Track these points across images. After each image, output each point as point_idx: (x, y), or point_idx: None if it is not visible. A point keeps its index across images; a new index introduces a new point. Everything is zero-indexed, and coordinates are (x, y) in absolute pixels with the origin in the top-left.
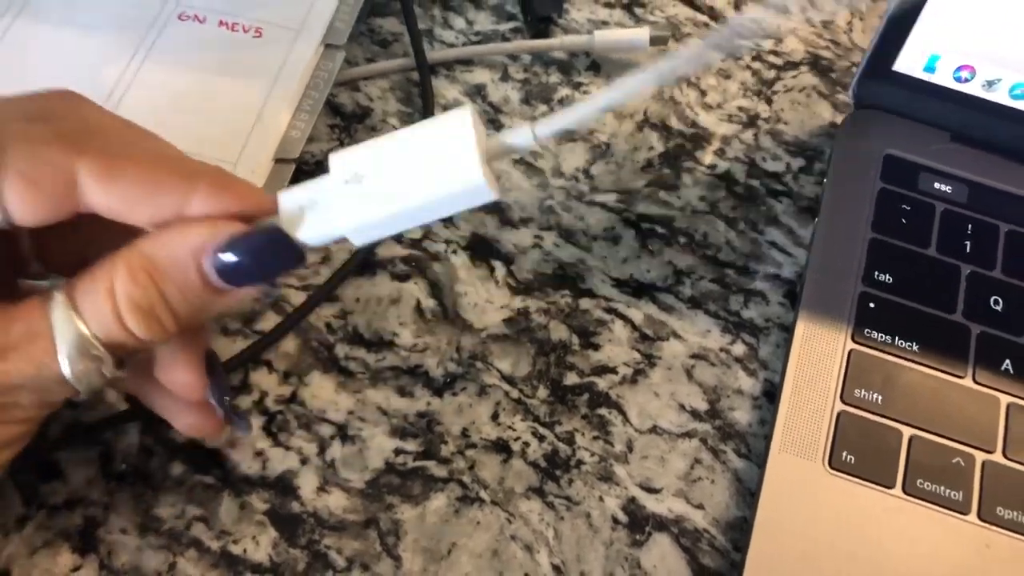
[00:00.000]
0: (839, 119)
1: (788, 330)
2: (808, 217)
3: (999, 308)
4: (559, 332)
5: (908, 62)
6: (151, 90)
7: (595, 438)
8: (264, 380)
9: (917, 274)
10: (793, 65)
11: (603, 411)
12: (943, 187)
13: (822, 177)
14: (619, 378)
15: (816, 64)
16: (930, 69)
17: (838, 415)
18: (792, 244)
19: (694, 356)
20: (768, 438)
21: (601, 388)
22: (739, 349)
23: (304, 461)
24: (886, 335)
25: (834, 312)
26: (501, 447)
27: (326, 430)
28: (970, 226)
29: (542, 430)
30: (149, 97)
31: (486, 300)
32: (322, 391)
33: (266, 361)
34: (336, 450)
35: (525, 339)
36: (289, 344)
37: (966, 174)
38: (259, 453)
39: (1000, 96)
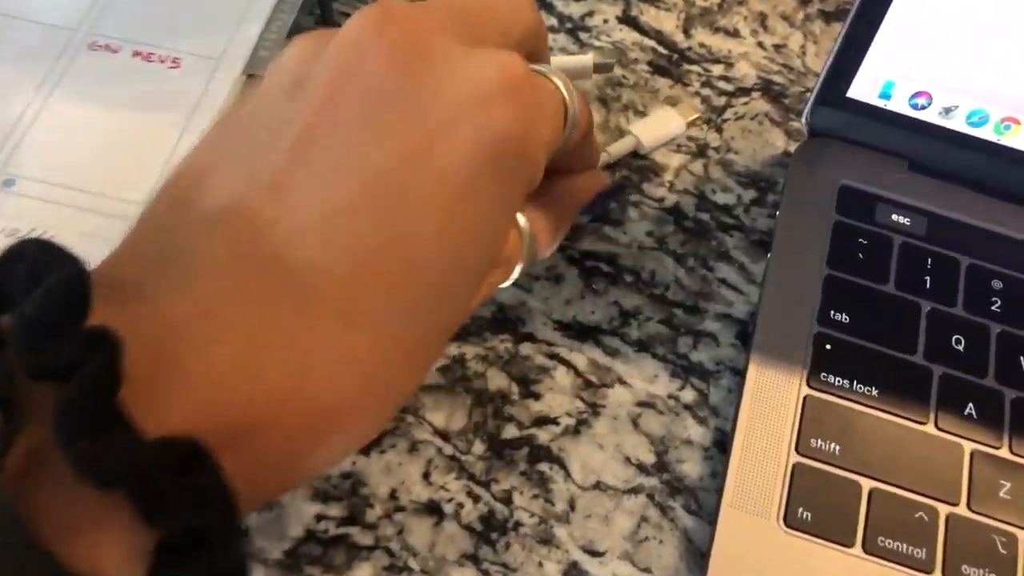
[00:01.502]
0: (793, 147)
1: (740, 374)
2: (761, 252)
3: (961, 348)
4: (497, 380)
5: (862, 88)
6: (59, 125)
7: (534, 496)
8: None
9: (875, 313)
10: (744, 91)
11: (543, 466)
12: (901, 219)
13: (775, 209)
14: (561, 429)
15: (768, 90)
16: (885, 96)
17: (793, 467)
18: (744, 281)
19: (641, 404)
20: (720, 492)
21: (542, 441)
22: (688, 395)
23: None
24: (843, 379)
25: (788, 355)
26: (433, 509)
27: None
28: (930, 260)
29: (477, 489)
30: (57, 132)
31: None
32: None
33: None
34: (250, 516)
35: (460, 388)
36: None
37: (925, 205)
38: None
39: (957, 123)
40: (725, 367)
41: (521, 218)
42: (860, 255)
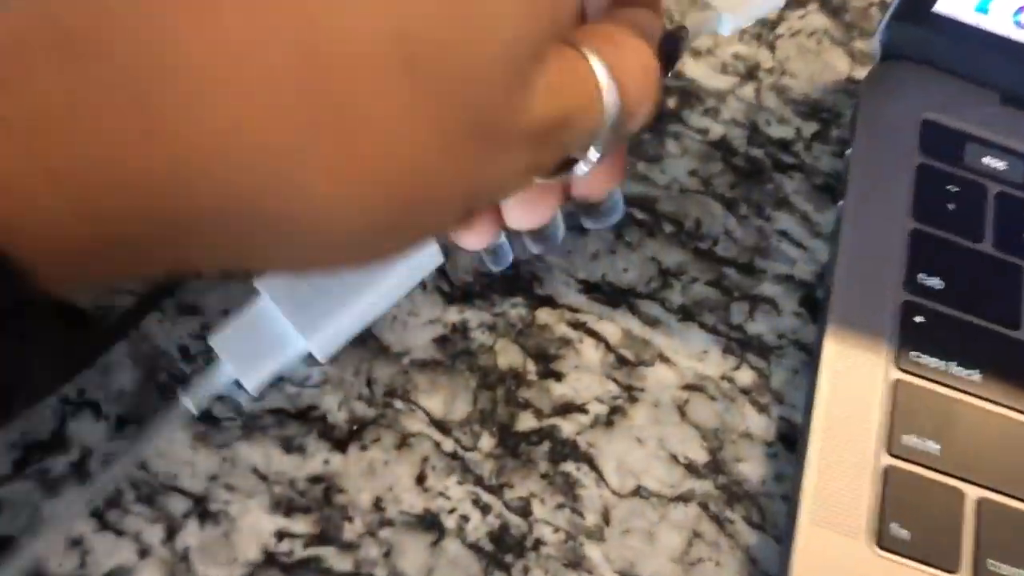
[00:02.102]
0: (857, 72)
1: (806, 350)
2: (825, 198)
3: None
4: (509, 356)
5: (954, 2)
6: None
7: (559, 506)
8: (87, 430)
9: (972, 277)
10: (799, 2)
11: (569, 467)
12: (995, 162)
13: (840, 146)
14: (590, 419)
15: (826, 2)
16: (982, 9)
17: (884, 472)
18: (808, 234)
19: (688, 387)
20: (788, 500)
21: (566, 434)
22: (745, 376)
23: (144, 552)
24: (940, 359)
25: (870, 328)
26: (429, 523)
27: (177, 505)
28: None
29: (486, 497)
30: None
31: (408, 312)
32: (173, 447)
33: (91, 402)
34: (192, 534)
35: (463, 366)
36: (124, 376)
37: (1021, 146)
38: (76, 542)
39: None
40: (788, 341)
41: (596, 61)
42: (950, 205)
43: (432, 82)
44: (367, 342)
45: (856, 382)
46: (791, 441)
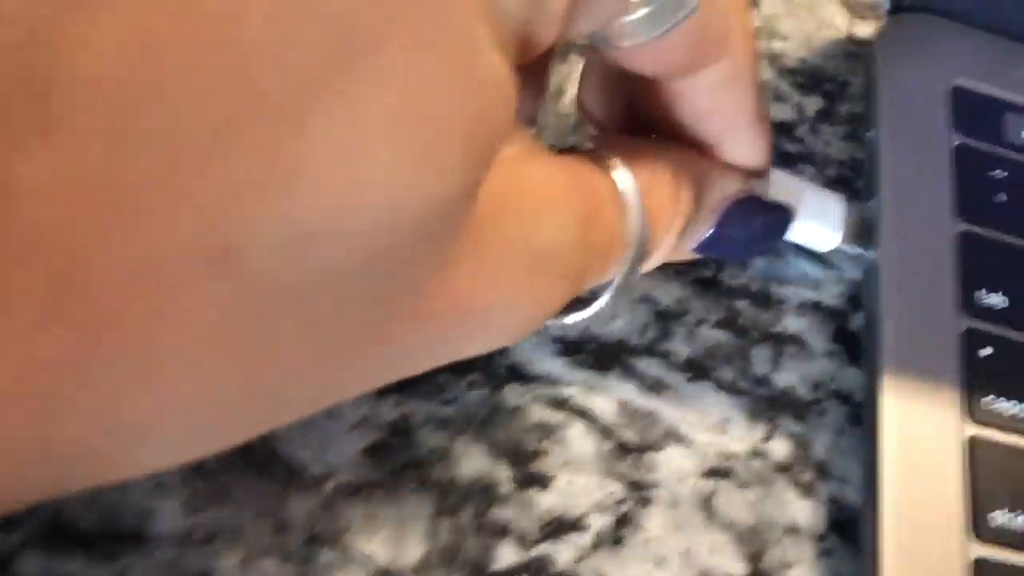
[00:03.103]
0: (859, 29)
1: (849, 401)
2: (843, 193)
3: None
4: (473, 461)
5: None
6: None
7: None
8: None
9: None
10: None
11: None
12: None
13: (851, 125)
14: (591, 538)
15: None
16: None
17: (975, 565)
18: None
19: (711, 473)
20: None
21: (563, 565)
22: (780, 448)
23: None
24: (1019, 402)
25: (932, 370)
26: None
27: None
28: None
29: None
30: None
31: (325, 415)
32: None
33: None
34: None
35: (410, 484)
36: None
37: None
38: None
39: None
40: (826, 392)
41: (621, 167)
42: (999, 196)
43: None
44: (270, 467)
45: (924, 446)
46: (846, 529)
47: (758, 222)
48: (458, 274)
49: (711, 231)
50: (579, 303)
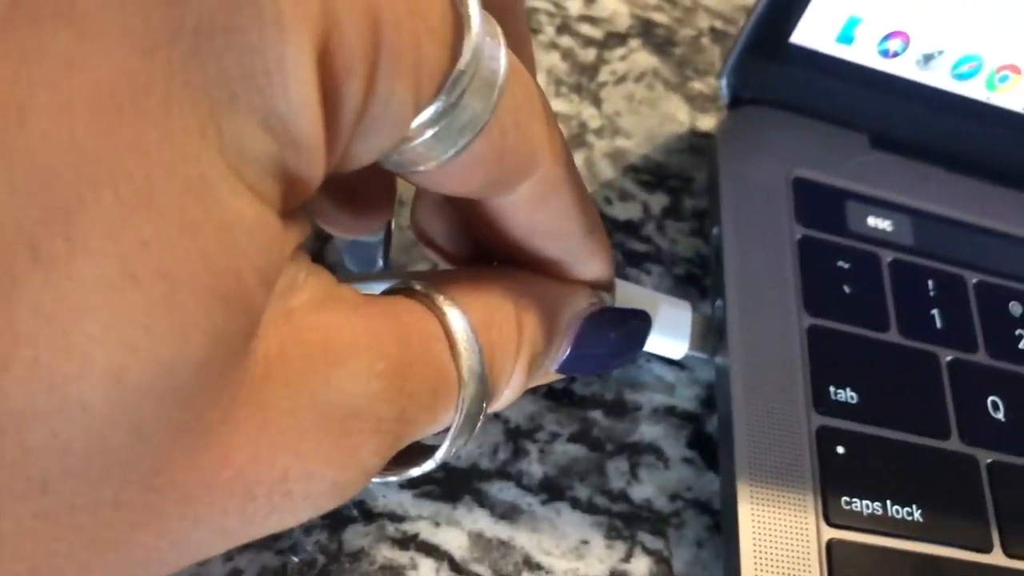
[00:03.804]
0: (700, 122)
1: (708, 510)
2: (692, 292)
3: (1000, 416)
4: None
5: (814, 30)
6: None
7: None
8: None
9: (886, 379)
10: (618, 38)
11: None
12: (880, 223)
13: (697, 220)
14: None
15: (649, 34)
16: (846, 39)
17: None
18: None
19: None
20: None
21: None
22: (640, 568)
23: None
24: (873, 500)
25: (788, 474)
26: None
27: None
28: (931, 283)
29: None
30: None
31: None
32: None
33: None
34: None
35: None
36: None
37: (901, 197)
38: None
39: (939, 77)
40: (684, 503)
41: (447, 304)
42: (845, 288)
43: None
44: None
45: (783, 554)
46: None
47: (616, 334)
48: (234, 441)
49: (568, 351)
50: (427, 451)
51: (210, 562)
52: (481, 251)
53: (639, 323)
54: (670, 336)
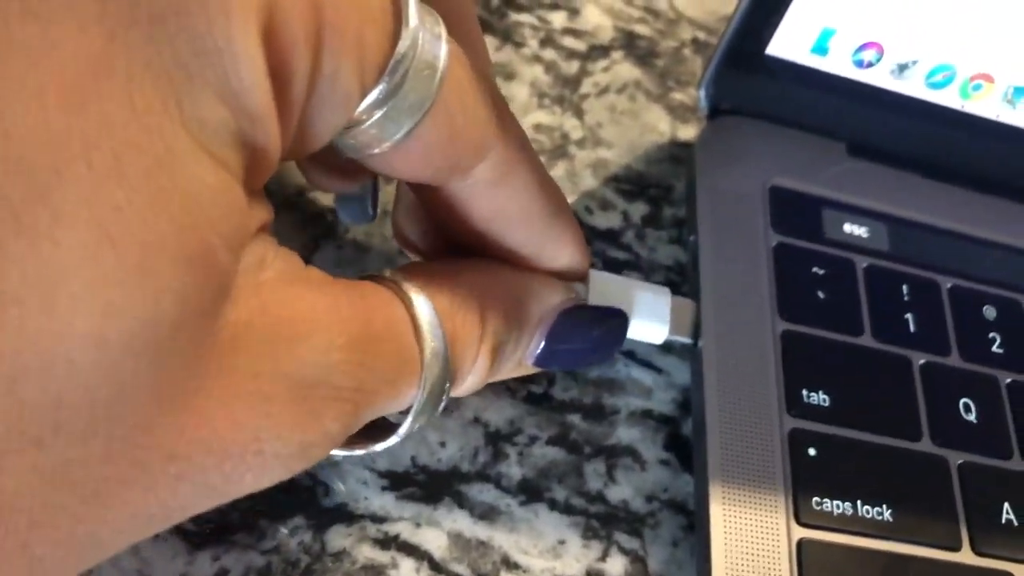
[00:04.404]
0: (681, 132)
1: (684, 510)
2: None
3: (972, 418)
4: None
5: (789, 41)
6: None
7: None
8: None
9: (859, 382)
10: (601, 50)
11: None
12: (856, 229)
13: (676, 228)
14: None
15: (632, 46)
16: (821, 50)
17: None
18: (657, 352)
19: None
20: None
21: None
22: (616, 566)
23: None
24: (843, 500)
25: (759, 475)
26: None
27: None
28: (905, 288)
29: None
30: None
31: (136, 571)
32: None
33: None
34: None
35: None
36: None
37: (877, 204)
38: None
39: (914, 86)
40: (660, 504)
41: (414, 291)
42: (819, 293)
43: None
44: None
45: (754, 553)
46: None
47: (593, 332)
48: (209, 404)
49: (543, 344)
50: (393, 428)
51: (198, 560)
52: (456, 249)
53: (617, 321)
54: (650, 320)
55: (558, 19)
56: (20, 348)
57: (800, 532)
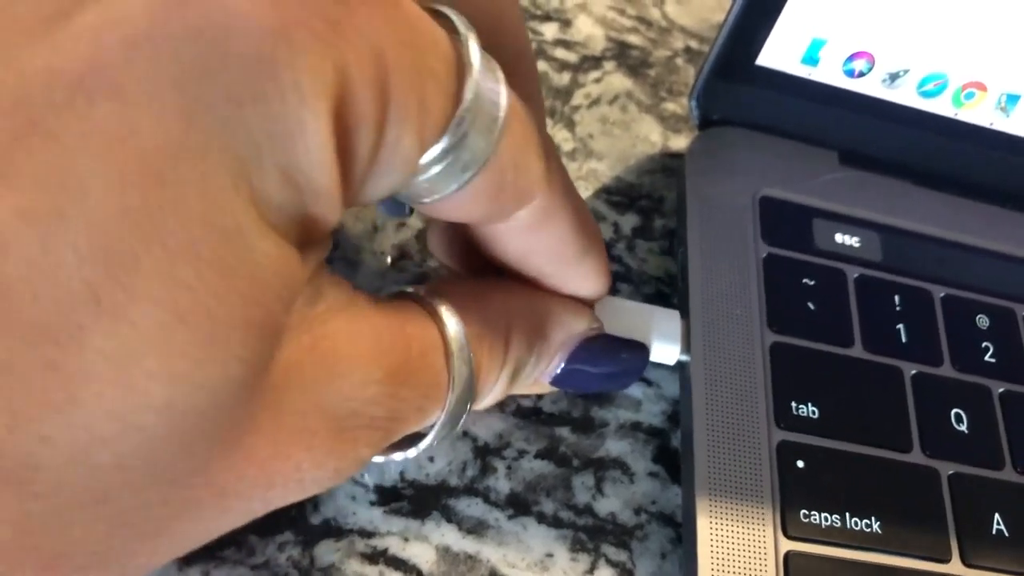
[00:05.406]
0: (673, 142)
1: (672, 523)
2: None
3: (964, 428)
4: None
5: (779, 52)
6: None
7: None
8: None
9: (849, 394)
10: (593, 61)
11: None
12: (848, 239)
13: (667, 239)
14: None
15: (624, 56)
16: (811, 60)
17: None
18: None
19: None
20: None
21: None
22: None
23: None
24: (831, 513)
25: (747, 487)
26: None
27: None
28: (897, 299)
29: None
30: None
31: None
32: None
33: None
34: None
35: None
36: None
37: (869, 213)
38: None
39: (906, 94)
40: (648, 516)
41: (448, 314)
42: (809, 304)
43: None
44: None
45: (742, 567)
46: None
47: (614, 361)
48: (259, 441)
49: (562, 367)
50: (405, 442)
51: (188, 574)
52: (488, 264)
53: (636, 352)
54: (666, 342)
55: (550, 31)
56: (97, 421)
57: (787, 544)
